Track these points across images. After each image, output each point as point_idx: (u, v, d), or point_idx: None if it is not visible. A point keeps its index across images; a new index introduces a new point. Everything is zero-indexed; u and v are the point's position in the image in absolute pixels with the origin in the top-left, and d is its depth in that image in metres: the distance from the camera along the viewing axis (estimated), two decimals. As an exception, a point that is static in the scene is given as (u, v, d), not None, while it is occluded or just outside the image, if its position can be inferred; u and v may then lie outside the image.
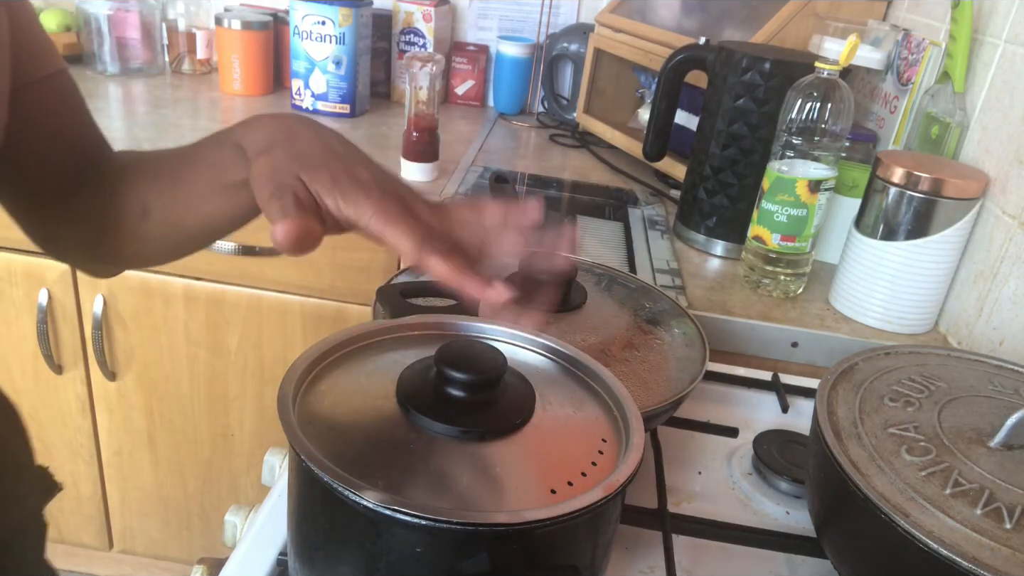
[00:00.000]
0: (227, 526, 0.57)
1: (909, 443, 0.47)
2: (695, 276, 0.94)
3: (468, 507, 0.35)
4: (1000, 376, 0.56)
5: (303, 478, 0.37)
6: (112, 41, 1.51)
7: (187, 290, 1.21)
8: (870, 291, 0.86)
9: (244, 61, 1.48)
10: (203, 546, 1.44)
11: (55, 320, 1.25)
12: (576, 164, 1.35)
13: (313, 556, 0.38)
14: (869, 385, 0.53)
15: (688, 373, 0.59)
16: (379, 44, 1.56)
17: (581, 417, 0.43)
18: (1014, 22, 0.84)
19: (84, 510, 1.43)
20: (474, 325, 0.48)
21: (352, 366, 0.44)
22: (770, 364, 0.85)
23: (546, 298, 0.55)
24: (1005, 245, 0.81)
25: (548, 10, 1.60)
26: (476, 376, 0.39)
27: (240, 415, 1.30)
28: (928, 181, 0.80)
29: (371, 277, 1.15)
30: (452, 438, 0.38)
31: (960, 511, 0.42)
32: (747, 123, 0.94)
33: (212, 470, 1.36)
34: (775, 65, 0.91)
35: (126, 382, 1.30)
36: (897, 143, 1.03)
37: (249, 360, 1.25)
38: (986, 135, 0.86)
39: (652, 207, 1.16)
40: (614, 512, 0.39)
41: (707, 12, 1.22)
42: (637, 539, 0.55)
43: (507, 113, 1.63)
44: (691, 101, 1.19)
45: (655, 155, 1.07)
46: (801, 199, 0.85)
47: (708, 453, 0.67)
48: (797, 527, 0.59)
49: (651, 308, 0.66)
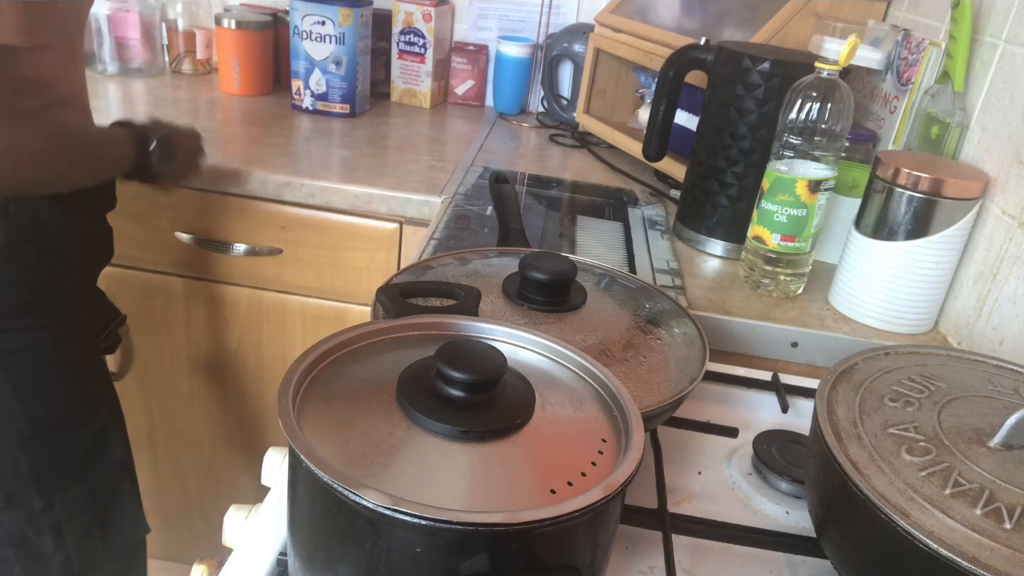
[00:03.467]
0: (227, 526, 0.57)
1: (909, 443, 0.47)
2: (695, 276, 0.94)
3: (468, 507, 0.35)
4: (1000, 376, 0.56)
5: (303, 478, 0.37)
6: (112, 41, 1.51)
7: (187, 290, 1.21)
8: (870, 291, 0.86)
9: (244, 61, 1.48)
10: (203, 546, 1.44)
11: (55, 320, 1.25)
12: (576, 164, 1.35)
13: (313, 556, 0.38)
14: (869, 385, 0.53)
15: (688, 373, 0.59)
16: (379, 44, 1.56)
17: (581, 417, 0.43)
18: (1014, 22, 0.84)
19: (84, 510, 1.43)
20: (474, 325, 0.48)
21: (352, 366, 0.44)
22: (770, 364, 0.85)
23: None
24: (1005, 245, 0.81)
25: (548, 10, 1.60)
26: (476, 376, 0.39)
27: (240, 415, 1.30)
28: (928, 181, 0.80)
29: (371, 277, 1.15)
30: (452, 438, 0.38)
31: (960, 511, 0.42)
32: (747, 123, 0.94)
33: (212, 470, 1.36)
34: (775, 65, 0.91)
35: (126, 382, 1.30)
36: (897, 143, 1.03)
37: (249, 360, 1.25)
38: (986, 135, 0.86)
39: (652, 207, 1.16)
40: (614, 512, 0.39)
41: (707, 12, 1.22)
42: (637, 539, 0.55)
43: (507, 113, 1.63)
44: (691, 101, 1.19)
45: (655, 155, 1.07)
46: (801, 199, 0.85)
47: (708, 453, 0.67)
48: (797, 527, 0.59)
49: (651, 308, 0.66)
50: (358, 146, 1.29)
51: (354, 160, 1.22)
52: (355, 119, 1.44)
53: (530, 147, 1.44)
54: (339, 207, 1.12)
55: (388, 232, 1.13)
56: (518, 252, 0.70)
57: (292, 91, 1.44)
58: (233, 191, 1.13)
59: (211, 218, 1.16)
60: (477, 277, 0.65)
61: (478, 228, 1.01)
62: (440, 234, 0.97)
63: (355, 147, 1.28)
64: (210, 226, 1.16)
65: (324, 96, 1.42)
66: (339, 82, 1.41)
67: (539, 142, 1.47)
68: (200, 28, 1.62)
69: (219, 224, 1.16)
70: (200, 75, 1.62)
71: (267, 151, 1.21)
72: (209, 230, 1.16)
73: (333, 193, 1.11)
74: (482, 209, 1.07)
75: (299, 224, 1.14)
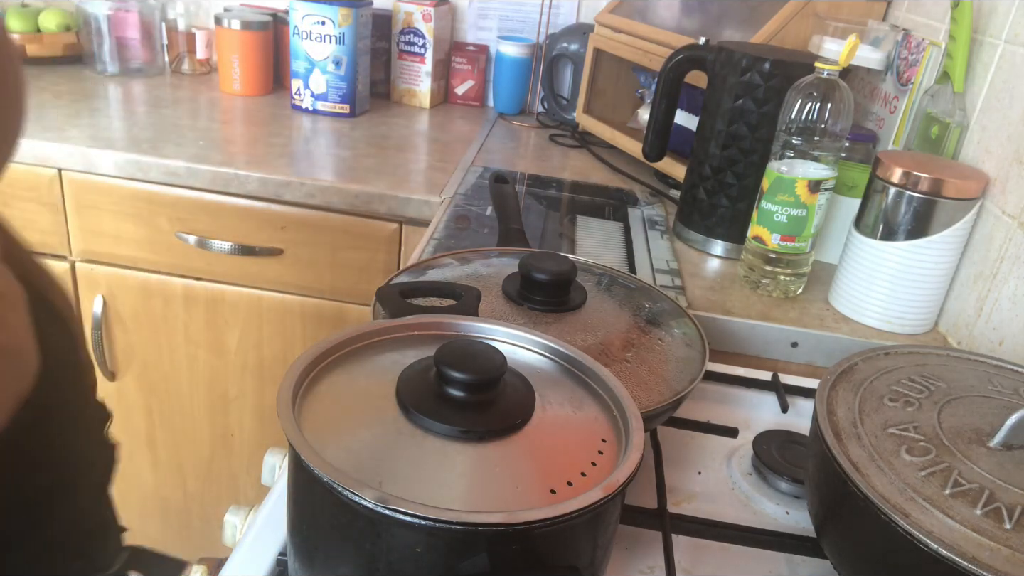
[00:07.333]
0: (227, 526, 0.57)
1: (909, 443, 0.47)
2: (695, 276, 0.94)
3: (468, 507, 0.35)
4: (1000, 376, 0.56)
5: (303, 478, 0.37)
6: (112, 41, 1.51)
7: (187, 290, 1.21)
8: (870, 291, 0.86)
9: (244, 61, 1.48)
10: (203, 546, 1.44)
11: (55, 320, 1.25)
12: (576, 164, 1.35)
13: (313, 556, 0.38)
14: (869, 385, 0.53)
15: (688, 373, 0.59)
16: (379, 44, 1.56)
17: (581, 417, 0.43)
18: (1014, 22, 0.84)
19: (84, 510, 1.43)
20: (474, 325, 0.48)
21: (352, 366, 0.44)
22: (770, 364, 0.85)
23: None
24: (1005, 245, 0.81)
25: (548, 10, 1.60)
26: (476, 376, 0.39)
27: (240, 415, 1.30)
28: (928, 181, 0.80)
29: (371, 277, 1.15)
30: (452, 438, 0.38)
31: (960, 511, 0.42)
32: (747, 123, 0.94)
33: (212, 470, 1.36)
34: (775, 65, 0.91)
35: (126, 382, 1.30)
36: (897, 143, 1.03)
37: (249, 360, 1.25)
38: (986, 135, 0.86)
39: (652, 207, 1.16)
40: (614, 512, 0.39)
41: (707, 12, 1.22)
42: (637, 539, 0.55)
43: (507, 113, 1.63)
44: (691, 101, 1.19)
45: (655, 155, 1.07)
46: (801, 199, 0.85)
47: (708, 453, 0.67)
48: (797, 527, 0.59)
49: (651, 308, 0.66)
50: (358, 146, 1.29)
51: (354, 160, 1.22)
52: (355, 119, 1.44)
53: (530, 147, 1.44)
54: (339, 207, 1.12)
55: (388, 232, 1.13)
56: (518, 252, 0.70)
57: (292, 91, 1.44)
58: (233, 191, 1.13)
59: (211, 218, 1.16)
60: (477, 277, 0.65)
61: (478, 228, 1.01)
62: (440, 234, 0.97)
63: (355, 147, 1.28)
64: (210, 226, 1.16)
65: (324, 96, 1.42)
66: (339, 82, 1.41)
67: (539, 142, 1.47)
68: (200, 28, 1.62)
69: (219, 224, 1.16)
70: (200, 75, 1.62)
71: (267, 151, 1.21)
72: (209, 230, 1.16)
73: (333, 193, 1.11)
74: (482, 209, 1.07)
75: (299, 224, 1.14)
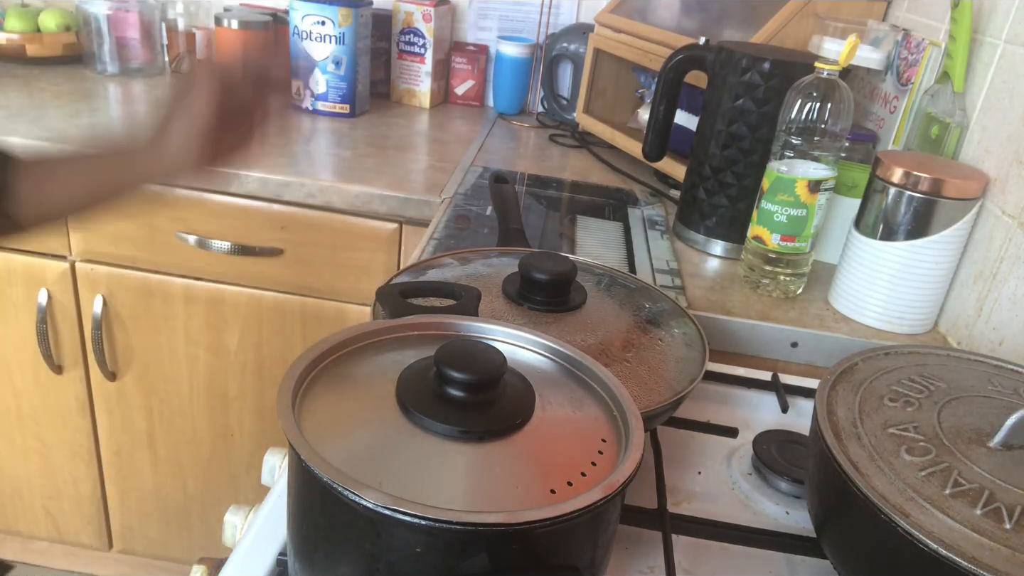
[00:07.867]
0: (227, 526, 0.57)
1: (909, 443, 0.47)
2: (695, 276, 0.94)
3: (468, 507, 0.35)
4: (1000, 376, 0.56)
5: (303, 478, 0.37)
6: (112, 41, 1.51)
7: (187, 290, 1.21)
8: (870, 291, 0.86)
9: (244, 61, 1.48)
10: (203, 546, 1.44)
11: (55, 320, 1.25)
12: (576, 164, 1.35)
13: (313, 556, 0.38)
14: (869, 385, 0.53)
15: (688, 373, 0.59)
16: (379, 44, 1.56)
17: (581, 417, 0.43)
18: (1014, 22, 0.84)
19: (84, 510, 1.43)
20: (474, 325, 0.48)
21: (352, 366, 0.44)
22: (770, 364, 0.85)
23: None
24: (1005, 245, 0.81)
25: (548, 10, 1.60)
26: (476, 376, 0.39)
27: (240, 415, 1.30)
28: (928, 181, 0.80)
29: (371, 277, 1.15)
30: (452, 438, 0.38)
31: (960, 511, 0.42)
32: (747, 123, 0.94)
33: (212, 470, 1.36)
34: (775, 65, 0.91)
35: (126, 382, 1.30)
36: (897, 143, 1.03)
37: (249, 360, 1.25)
38: (986, 135, 0.86)
39: (652, 207, 1.16)
40: (614, 512, 0.39)
41: (707, 12, 1.22)
42: (637, 539, 0.55)
43: (507, 113, 1.63)
44: (691, 101, 1.19)
45: (655, 155, 1.07)
46: (801, 199, 0.85)
47: (708, 453, 0.67)
48: (797, 527, 0.59)
49: (651, 308, 0.66)
50: (358, 146, 1.29)
51: (354, 160, 1.22)
52: (355, 119, 1.44)
53: (530, 147, 1.44)
54: (339, 207, 1.12)
55: (388, 232, 1.13)
56: (518, 252, 0.70)
57: (292, 91, 1.44)
58: (233, 191, 1.13)
59: (211, 218, 1.16)
60: (477, 277, 0.65)
61: (478, 228, 1.01)
62: (440, 234, 0.97)
63: (355, 147, 1.28)
64: (210, 226, 1.16)
65: (324, 96, 1.42)
66: (339, 82, 1.41)
67: (539, 142, 1.47)
68: (200, 28, 1.62)
69: (219, 224, 1.16)
70: (200, 75, 1.62)
71: (267, 151, 1.21)
72: (209, 230, 1.16)
73: (333, 193, 1.11)
74: (482, 209, 1.07)
75: (299, 224, 1.14)
